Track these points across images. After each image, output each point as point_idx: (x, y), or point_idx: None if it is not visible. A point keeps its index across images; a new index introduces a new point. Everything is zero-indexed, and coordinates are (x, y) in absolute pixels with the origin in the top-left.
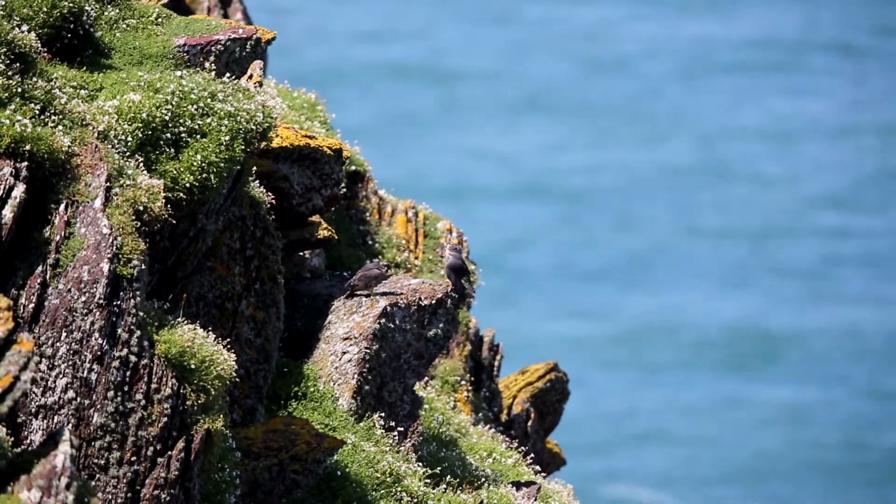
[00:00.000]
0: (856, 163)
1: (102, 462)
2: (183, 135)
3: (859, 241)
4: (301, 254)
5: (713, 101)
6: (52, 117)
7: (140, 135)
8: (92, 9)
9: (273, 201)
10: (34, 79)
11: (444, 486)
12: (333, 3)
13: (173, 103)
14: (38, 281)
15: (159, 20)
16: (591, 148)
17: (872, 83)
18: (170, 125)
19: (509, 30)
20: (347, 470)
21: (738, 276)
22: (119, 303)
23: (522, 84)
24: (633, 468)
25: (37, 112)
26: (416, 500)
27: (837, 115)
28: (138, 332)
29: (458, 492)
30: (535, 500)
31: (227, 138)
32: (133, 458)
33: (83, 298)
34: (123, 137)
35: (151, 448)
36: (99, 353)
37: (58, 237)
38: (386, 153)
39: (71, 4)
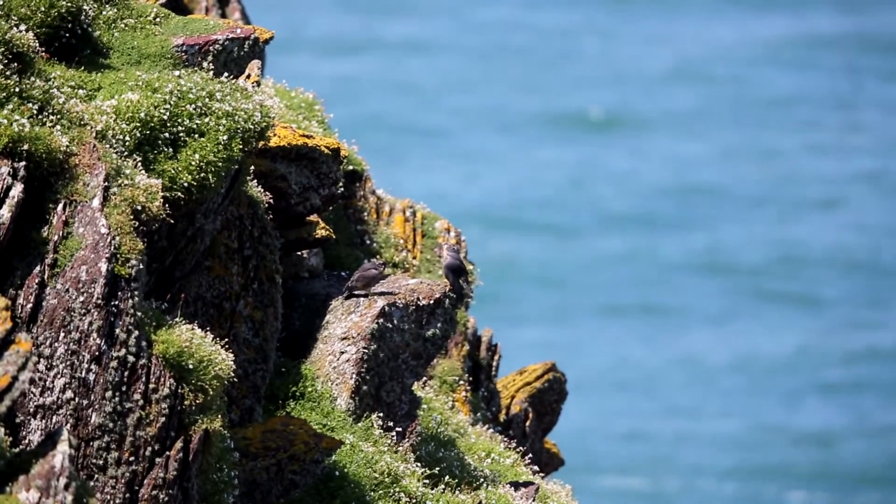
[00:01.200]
0: None
1: (101, 462)
2: (181, 134)
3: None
4: (299, 253)
5: None
6: (50, 117)
7: (138, 134)
8: (90, 8)
9: (271, 201)
10: (32, 78)
11: (443, 486)
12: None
13: (171, 103)
14: (37, 281)
15: (157, 20)
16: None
17: None
18: (168, 125)
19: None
20: (346, 470)
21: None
22: (117, 303)
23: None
24: (624, 461)
25: (35, 112)
26: (414, 501)
27: None
28: (136, 332)
29: (457, 492)
30: (534, 500)
31: (225, 138)
32: (131, 459)
33: (81, 298)
34: (121, 137)
35: (150, 448)
36: (97, 353)
37: (56, 237)
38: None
39: (69, 4)
